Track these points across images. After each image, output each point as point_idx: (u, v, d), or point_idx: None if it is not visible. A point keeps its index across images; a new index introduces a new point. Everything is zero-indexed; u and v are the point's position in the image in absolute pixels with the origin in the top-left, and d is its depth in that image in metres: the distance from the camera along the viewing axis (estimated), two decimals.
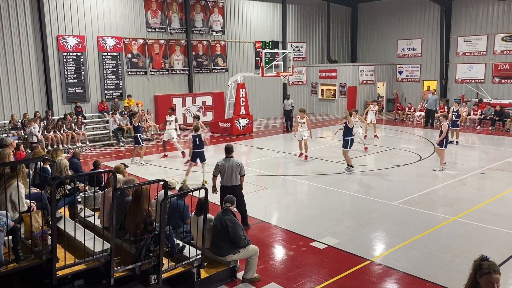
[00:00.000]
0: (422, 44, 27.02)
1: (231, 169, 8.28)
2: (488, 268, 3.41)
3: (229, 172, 8.28)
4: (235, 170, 8.28)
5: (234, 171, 8.27)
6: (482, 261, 3.47)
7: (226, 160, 8.37)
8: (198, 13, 22.73)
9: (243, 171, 8.42)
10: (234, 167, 8.29)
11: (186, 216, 6.77)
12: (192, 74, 22.60)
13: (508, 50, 23.44)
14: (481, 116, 21.30)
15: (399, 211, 9.52)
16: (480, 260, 3.48)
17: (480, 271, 3.42)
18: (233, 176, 8.28)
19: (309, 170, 13.39)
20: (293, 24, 27.14)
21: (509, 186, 11.18)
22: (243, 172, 8.42)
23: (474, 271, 3.49)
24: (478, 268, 3.44)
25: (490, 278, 3.41)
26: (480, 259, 3.49)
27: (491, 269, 3.41)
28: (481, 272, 3.41)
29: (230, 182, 8.29)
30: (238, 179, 8.34)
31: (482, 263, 3.45)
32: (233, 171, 8.28)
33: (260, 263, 6.73)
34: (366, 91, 26.97)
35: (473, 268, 3.51)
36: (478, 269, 3.44)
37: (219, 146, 17.66)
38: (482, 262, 3.47)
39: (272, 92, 26.21)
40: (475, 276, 3.46)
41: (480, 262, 3.46)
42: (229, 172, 8.28)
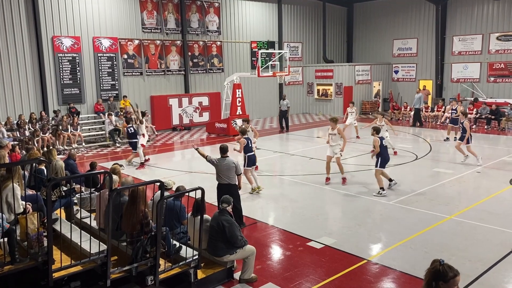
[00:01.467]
0: (417, 44, 27.10)
1: (228, 168, 8.34)
2: (452, 271, 3.30)
3: (226, 171, 8.34)
4: (230, 169, 8.34)
5: (231, 170, 8.35)
6: (442, 266, 3.35)
7: (221, 159, 8.44)
8: (194, 14, 22.71)
9: (239, 170, 8.49)
10: (230, 166, 8.35)
11: (182, 216, 6.76)
12: (188, 74, 22.58)
13: (503, 49, 23.55)
14: (477, 115, 21.38)
15: (396, 211, 9.54)
16: (440, 265, 3.33)
17: (445, 277, 3.28)
18: (230, 175, 8.36)
19: (305, 170, 13.39)
20: (289, 24, 27.16)
21: (505, 185, 11.23)
22: (239, 171, 8.49)
23: (434, 279, 3.32)
24: (442, 275, 3.27)
25: (455, 281, 3.31)
26: (439, 265, 3.32)
27: (455, 272, 3.30)
28: (446, 278, 3.28)
29: (226, 180, 8.37)
30: (235, 178, 8.41)
31: (444, 270, 3.31)
32: (230, 170, 8.35)
33: (257, 263, 6.73)
34: (362, 91, 27.02)
35: (431, 276, 3.33)
36: (441, 276, 3.27)
37: (215, 147, 17.63)
38: (443, 268, 3.31)
39: (269, 92, 26.21)
40: (436, 285, 3.32)
41: (442, 268, 3.30)
42: (226, 171, 8.34)
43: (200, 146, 17.80)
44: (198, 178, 12.44)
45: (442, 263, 3.33)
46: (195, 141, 19.01)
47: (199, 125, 22.58)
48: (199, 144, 18.01)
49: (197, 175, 12.93)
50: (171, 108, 21.67)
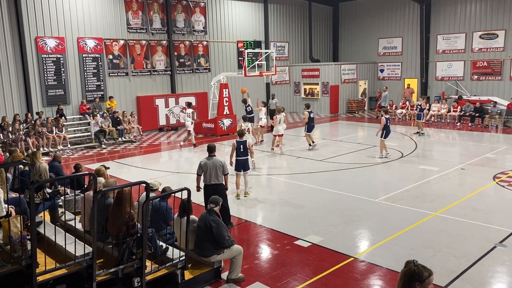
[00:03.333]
0: (402, 43, 27.36)
1: (214, 168, 8.35)
2: (427, 271, 3.31)
3: (213, 171, 8.35)
4: (217, 168, 8.33)
5: (217, 170, 8.33)
6: (417, 267, 3.32)
7: (209, 159, 8.44)
8: (180, 13, 22.61)
9: (226, 170, 8.48)
10: (217, 166, 8.35)
11: (169, 217, 6.73)
12: (174, 74, 22.47)
13: (486, 48, 23.91)
14: (461, 113, 21.66)
15: (382, 208, 9.62)
16: (414, 266, 3.32)
17: (421, 277, 3.27)
18: (217, 174, 8.35)
19: (293, 169, 13.44)
20: (275, 23, 27.20)
21: (488, 181, 11.41)
22: (226, 171, 8.47)
23: (409, 280, 3.32)
24: (417, 275, 3.27)
25: (430, 281, 3.33)
26: (413, 266, 3.32)
27: (429, 272, 3.32)
28: (422, 279, 3.28)
29: (214, 180, 8.36)
30: (222, 177, 8.41)
31: (419, 270, 3.29)
32: (216, 169, 8.34)
33: (244, 263, 6.73)
34: (348, 90, 27.19)
35: (407, 278, 3.33)
36: (417, 277, 3.27)
37: (203, 147, 17.59)
38: (418, 268, 3.30)
39: (256, 91, 26.16)
40: (412, 286, 3.30)
41: (417, 269, 3.30)
42: (213, 171, 8.35)
43: (187, 147, 17.79)
44: (185, 179, 12.38)
45: (416, 263, 3.35)
46: (179, 142, 18.93)
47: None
48: (183, 145, 17.95)
49: (184, 176, 12.89)
50: (157, 109, 21.55)
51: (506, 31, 23.09)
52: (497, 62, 23.57)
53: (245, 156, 10.52)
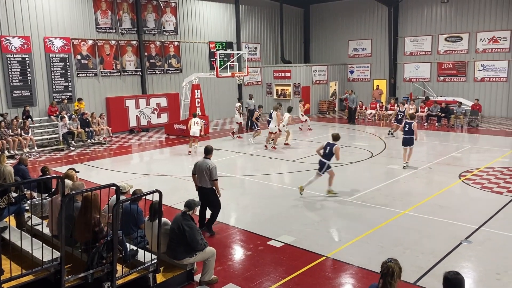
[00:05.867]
0: (371, 45, 27.91)
1: (201, 170, 8.17)
2: (399, 265, 3.46)
3: (200, 174, 8.20)
4: (204, 172, 8.13)
5: (204, 173, 8.14)
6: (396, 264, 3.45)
7: (202, 160, 8.29)
8: (150, 13, 22.34)
9: (213, 175, 8.13)
10: (204, 169, 8.15)
11: (140, 220, 6.63)
12: (145, 75, 22.18)
13: (451, 50, 24.68)
14: (428, 113, 22.26)
15: (353, 207, 9.78)
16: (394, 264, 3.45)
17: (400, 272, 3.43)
18: (204, 178, 8.15)
19: (266, 169, 13.48)
20: (247, 24, 27.25)
21: (454, 180, 11.77)
22: (213, 176, 8.14)
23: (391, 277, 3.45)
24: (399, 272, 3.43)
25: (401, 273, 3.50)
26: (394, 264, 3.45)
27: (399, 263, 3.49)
28: (400, 273, 3.43)
29: (202, 183, 8.23)
30: (208, 182, 8.17)
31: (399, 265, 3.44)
32: (203, 173, 8.15)
33: (217, 265, 6.71)
34: (319, 91, 27.51)
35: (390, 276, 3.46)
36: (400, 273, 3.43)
37: (174, 149, 17.44)
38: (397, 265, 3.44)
39: (228, 92, 26.19)
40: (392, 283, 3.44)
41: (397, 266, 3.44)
42: (200, 174, 8.20)
43: (159, 148, 17.58)
44: (157, 181, 12.24)
45: (392, 261, 3.45)
46: (154, 143, 18.71)
47: (157, 126, 22.23)
48: (157, 146, 17.76)
49: (156, 178, 12.73)
50: (127, 110, 21.21)
51: (470, 34, 23.92)
52: (461, 64, 24.37)
53: (327, 159, 10.40)
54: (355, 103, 23.05)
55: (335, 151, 10.23)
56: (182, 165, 14.72)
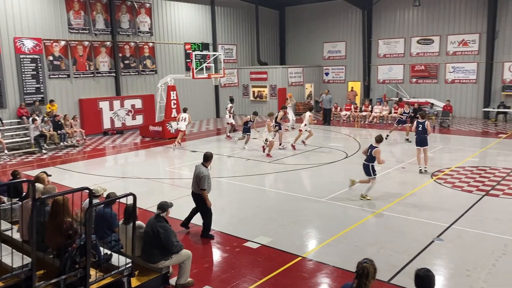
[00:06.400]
0: (346, 47, 28.29)
1: (194, 175, 8.12)
2: (374, 265, 3.53)
3: (193, 178, 8.17)
4: (195, 178, 8.07)
5: (195, 179, 8.08)
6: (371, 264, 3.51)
7: (199, 165, 8.16)
8: (124, 14, 22.05)
9: (200, 184, 7.94)
10: (195, 175, 8.07)
11: (114, 224, 6.54)
12: (119, 76, 21.87)
13: (423, 52, 25.25)
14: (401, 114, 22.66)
15: (328, 207, 9.88)
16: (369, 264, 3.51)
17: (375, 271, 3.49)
18: (195, 183, 8.10)
19: (242, 171, 13.48)
20: (223, 26, 27.21)
21: (427, 179, 12.04)
22: (200, 185, 7.95)
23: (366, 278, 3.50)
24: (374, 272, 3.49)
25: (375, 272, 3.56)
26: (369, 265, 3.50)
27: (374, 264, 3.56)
28: (374, 274, 3.50)
29: (192, 187, 8.17)
30: (198, 188, 8.06)
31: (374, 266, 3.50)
32: (194, 178, 8.10)
33: (193, 267, 6.66)
34: (295, 93, 27.66)
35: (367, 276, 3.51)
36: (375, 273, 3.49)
37: (150, 151, 17.26)
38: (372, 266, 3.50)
39: (204, 94, 26.09)
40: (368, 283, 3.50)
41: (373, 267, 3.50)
42: (193, 178, 8.17)
43: (134, 151, 17.37)
44: (132, 184, 12.09)
45: (368, 262, 3.50)
46: (129, 145, 18.47)
47: (132, 128, 21.95)
48: (132, 149, 17.54)
49: (131, 181, 12.57)
50: (101, 112, 20.87)
51: (441, 37, 24.53)
52: (433, 66, 24.97)
53: (370, 162, 10.29)
54: (331, 104, 23.32)
55: (375, 154, 10.06)
56: (158, 168, 14.59)
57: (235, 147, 17.05)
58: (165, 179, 12.82)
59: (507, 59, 22.70)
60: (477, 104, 23.78)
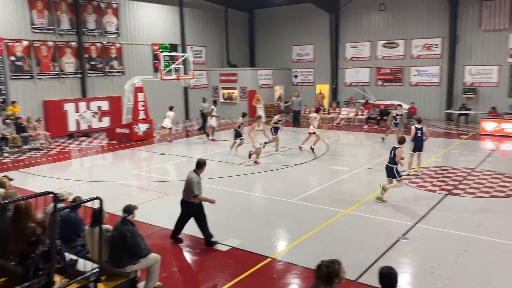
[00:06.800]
0: (314, 50, 28.69)
1: (184, 184, 7.85)
2: (336, 263, 3.57)
3: (184, 187, 7.88)
4: (185, 186, 7.81)
5: (185, 187, 7.82)
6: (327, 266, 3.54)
7: (189, 172, 7.90)
8: (90, 14, 21.60)
9: (192, 191, 7.67)
10: (186, 182, 7.81)
11: (80, 229, 6.38)
12: (85, 77, 21.39)
13: (389, 56, 25.91)
14: (368, 116, 23.20)
15: (298, 208, 9.99)
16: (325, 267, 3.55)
17: (335, 272, 3.52)
18: (186, 192, 7.83)
19: (213, 173, 13.42)
20: (192, 27, 27.06)
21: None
22: (192, 192, 7.68)
23: (327, 281, 3.53)
24: (332, 273, 3.51)
25: (342, 268, 3.62)
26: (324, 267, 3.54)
27: (338, 262, 3.61)
28: (337, 272, 3.53)
29: (185, 196, 7.84)
30: (189, 196, 7.79)
31: (331, 267, 3.54)
32: (185, 186, 7.83)
33: (162, 271, 6.59)
34: (265, 95, 27.79)
35: (324, 280, 3.53)
36: (332, 274, 3.51)
37: (117, 154, 16.95)
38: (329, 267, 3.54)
39: (173, 96, 25.83)
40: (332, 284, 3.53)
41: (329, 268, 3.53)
42: (184, 187, 7.88)
43: (100, 154, 17.01)
44: (99, 188, 11.83)
45: (325, 263, 3.56)
46: (95, 148, 18.07)
47: (98, 130, 21.49)
48: (98, 152, 17.17)
49: (98, 184, 12.31)
50: (66, 114, 20.34)
51: (405, 41, 25.24)
52: (398, 69, 25.65)
53: (393, 164, 10.26)
54: (301, 106, 23.59)
55: (397, 153, 10.13)
56: (125, 171, 14.35)
57: (207, 149, 16.97)
58: (133, 183, 12.62)
59: (468, 63, 23.60)
60: (439, 106, 24.58)
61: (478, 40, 23.20)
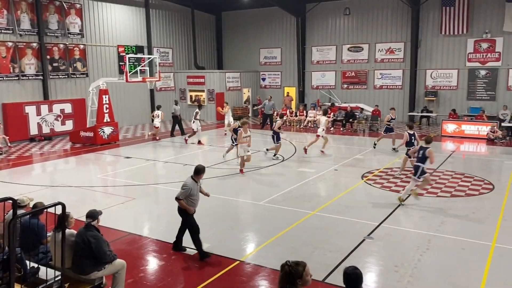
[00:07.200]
0: (281, 53, 28.94)
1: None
2: (301, 265, 3.58)
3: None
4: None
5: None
6: (290, 266, 3.54)
7: (187, 178, 7.66)
8: (53, 14, 20.98)
9: (178, 193, 7.46)
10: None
11: (41, 235, 6.18)
12: (47, 79, 20.74)
13: (353, 59, 26.46)
14: (334, 119, 23.58)
15: (266, 210, 10.03)
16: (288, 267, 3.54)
17: (298, 273, 3.52)
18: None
19: (180, 177, 13.26)
20: (158, 29, 26.74)
21: (358, 180, 12.60)
22: (178, 194, 7.49)
23: (290, 281, 3.52)
24: (295, 274, 3.51)
25: (307, 272, 3.61)
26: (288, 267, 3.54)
27: (303, 264, 3.61)
28: (300, 274, 3.53)
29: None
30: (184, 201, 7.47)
31: (294, 268, 3.53)
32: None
33: (128, 277, 6.47)
34: (233, 97, 27.82)
35: (286, 280, 3.53)
36: (295, 275, 3.51)
37: (81, 158, 16.51)
38: (292, 267, 3.54)
39: (139, 98, 25.45)
40: (294, 285, 3.53)
41: (292, 269, 3.53)
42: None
43: (64, 158, 16.53)
44: (62, 193, 11.50)
45: (289, 264, 3.58)
46: (58, 152, 17.53)
47: (61, 134, 20.86)
48: (61, 156, 16.70)
49: (61, 189, 11.95)
50: (27, 117, 19.65)
51: (370, 44, 25.85)
52: (363, 73, 26.23)
53: (421, 163, 10.19)
54: (272, 110, 23.61)
55: (429, 154, 10.09)
56: (90, 175, 14.00)
57: (173, 152, 16.78)
58: (97, 187, 12.33)
59: (429, 67, 24.41)
60: (403, 109, 25.28)
61: (439, 44, 24.05)
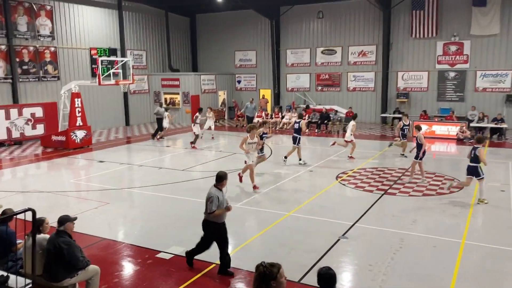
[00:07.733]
0: (256, 56, 29.04)
1: (205, 201, 7.00)
2: (275, 267, 3.61)
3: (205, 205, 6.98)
4: (206, 204, 6.96)
5: (206, 205, 6.96)
6: (265, 267, 3.56)
7: (210, 187, 7.11)
8: (22, 16, 20.47)
9: (208, 207, 6.83)
10: (206, 200, 6.95)
11: (11, 243, 6.01)
12: (16, 82, 20.20)
13: (327, 62, 26.81)
14: (309, 120, 23.80)
15: (242, 212, 10.03)
16: (263, 268, 3.56)
17: (272, 275, 3.54)
18: (206, 210, 7.00)
19: (154, 180, 13.15)
20: (132, 31, 26.43)
21: (332, 181, 12.76)
22: (208, 208, 6.84)
23: (264, 282, 3.54)
24: (269, 275, 3.53)
25: (281, 274, 3.59)
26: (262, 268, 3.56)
27: (278, 266, 3.63)
28: (274, 275, 3.55)
29: (207, 215, 6.98)
30: (207, 214, 6.98)
31: (269, 269, 3.55)
32: (206, 205, 6.97)
33: (102, 283, 6.37)
34: (209, 100, 27.73)
35: (260, 281, 3.55)
36: (269, 276, 3.53)
37: (52, 162, 16.14)
38: (267, 268, 3.56)
39: (113, 101, 25.07)
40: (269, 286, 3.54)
41: (266, 269, 3.55)
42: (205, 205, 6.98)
43: (35, 163, 16.14)
44: (33, 198, 11.22)
45: (264, 264, 3.60)
46: (29, 157, 17.09)
47: (32, 138, 20.34)
48: (32, 160, 16.29)
49: (32, 195, 11.66)
50: None
51: (343, 47, 26.24)
52: (336, 75, 26.59)
53: (476, 163, 10.16)
54: (254, 112, 23.70)
55: (479, 153, 10.10)
56: (62, 180, 13.70)
57: (148, 156, 16.60)
58: (70, 192, 12.08)
59: (400, 69, 24.96)
60: (375, 110, 25.76)
61: (409, 47, 24.63)
